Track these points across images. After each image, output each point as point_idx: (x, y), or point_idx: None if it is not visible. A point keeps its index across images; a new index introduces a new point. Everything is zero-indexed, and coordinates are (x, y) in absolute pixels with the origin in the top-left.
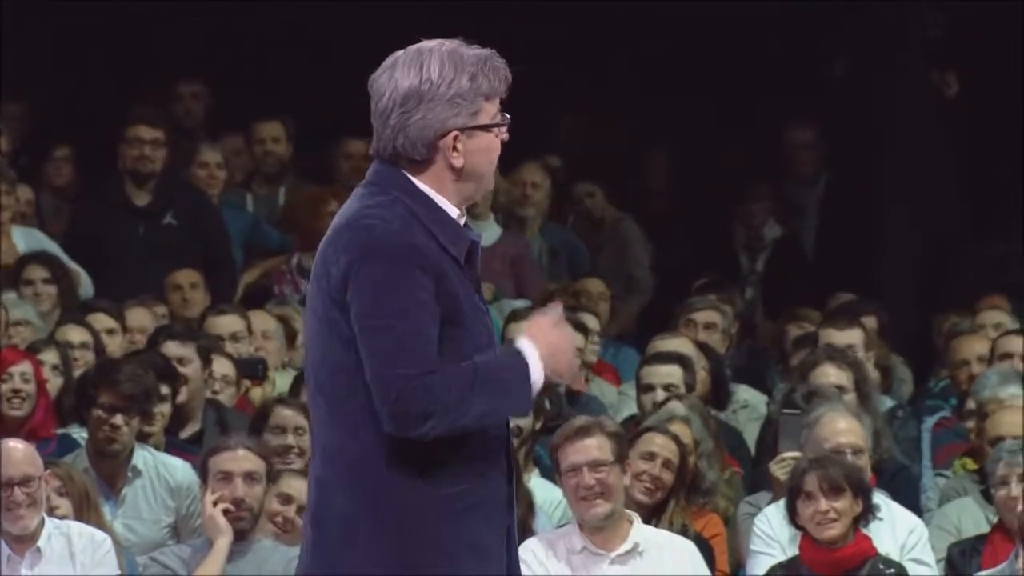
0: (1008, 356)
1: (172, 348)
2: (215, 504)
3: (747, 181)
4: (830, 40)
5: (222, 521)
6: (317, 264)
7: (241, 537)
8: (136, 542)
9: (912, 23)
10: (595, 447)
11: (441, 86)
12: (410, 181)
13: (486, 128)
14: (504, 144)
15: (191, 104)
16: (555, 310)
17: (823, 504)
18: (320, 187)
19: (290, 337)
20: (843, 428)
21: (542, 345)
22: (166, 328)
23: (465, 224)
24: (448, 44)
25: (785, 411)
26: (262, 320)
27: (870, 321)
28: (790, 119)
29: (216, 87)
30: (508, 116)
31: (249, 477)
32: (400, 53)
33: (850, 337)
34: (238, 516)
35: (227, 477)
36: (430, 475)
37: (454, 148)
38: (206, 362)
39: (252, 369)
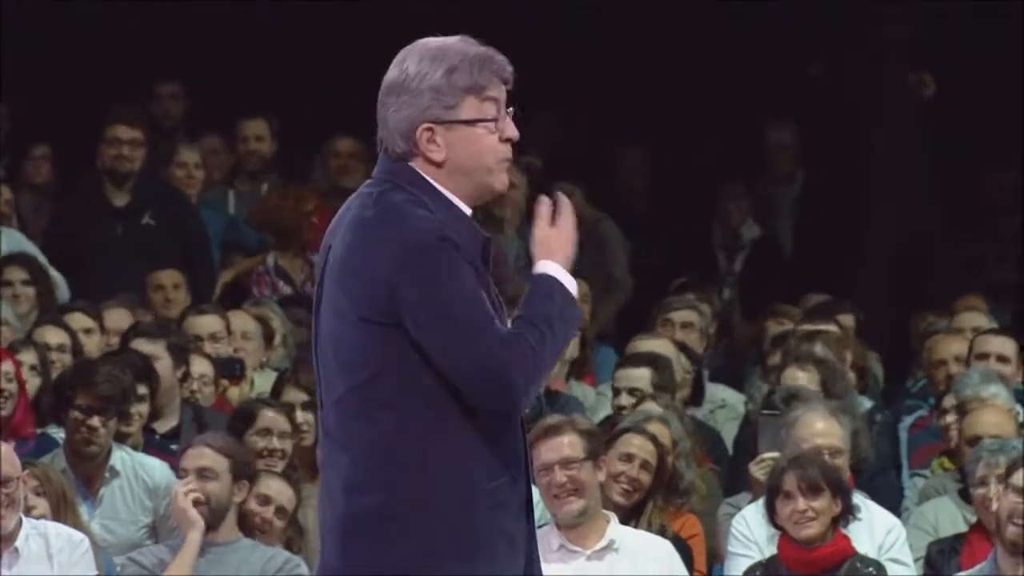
0: (984, 356)
1: (142, 345)
2: (186, 495)
3: (725, 181)
4: (808, 40)
5: (192, 513)
6: (339, 263)
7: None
8: (114, 542)
9: (888, 23)
10: (566, 445)
11: (415, 79)
12: (417, 173)
13: (469, 123)
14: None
15: (170, 104)
16: (544, 207)
17: (801, 503)
18: (297, 186)
19: (268, 337)
20: (821, 429)
21: (557, 254)
22: (135, 326)
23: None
24: (441, 40)
25: (764, 412)
26: (241, 320)
27: (847, 319)
28: (768, 119)
29: (194, 87)
30: (512, 111)
31: (202, 473)
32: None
33: (829, 332)
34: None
35: (184, 474)
36: (471, 470)
37: (431, 141)
38: (178, 359)
39: (230, 369)
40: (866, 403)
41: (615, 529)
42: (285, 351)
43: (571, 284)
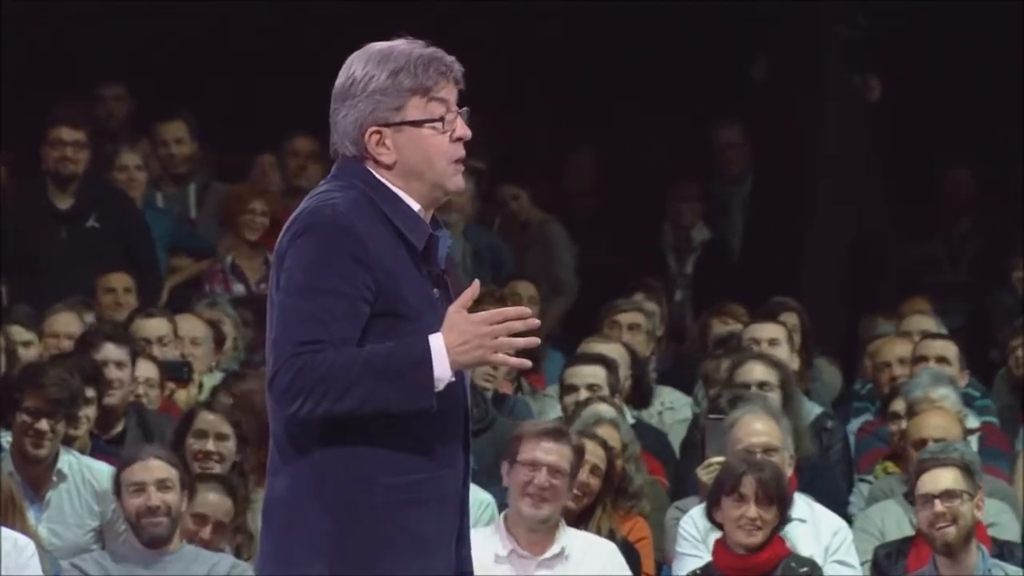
0: (923, 359)
1: (110, 351)
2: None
3: (675, 181)
4: (750, 41)
5: None
6: (275, 253)
7: (162, 543)
8: (60, 546)
9: (832, 24)
10: (562, 454)
11: (361, 83)
12: (370, 172)
13: (416, 123)
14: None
15: (113, 106)
16: (468, 293)
17: (754, 510)
18: (241, 185)
19: (218, 341)
20: (758, 429)
21: (450, 335)
22: (101, 330)
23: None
24: (388, 43)
25: (711, 416)
26: (190, 324)
27: (791, 318)
28: (714, 119)
29: (137, 89)
30: (461, 111)
31: (162, 485)
32: None
33: (773, 331)
34: (154, 523)
35: (140, 487)
36: (373, 462)
37: (380, 144)
38: (135, 365)
39: (177, 371)
40: (815, 408)
41: (565, 534)
42: (235, 354)
43: (443, 370)
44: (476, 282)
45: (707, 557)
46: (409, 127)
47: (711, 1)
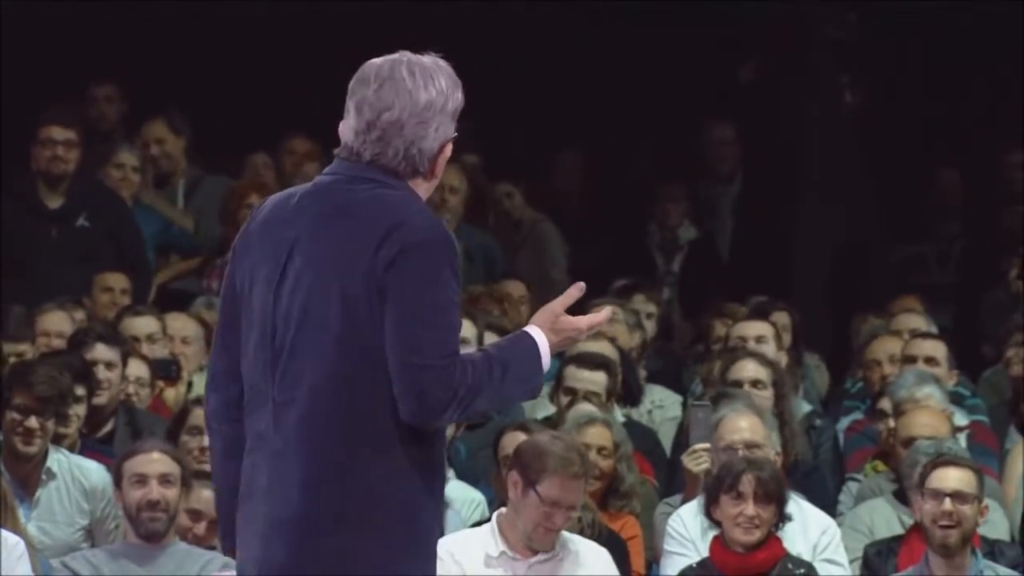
0: (912, 359)
1: (101, 351)
2: None
3: (662, 182)
4: (739, 42)
5: None
6: (351, 244)
7: (158, 539)
8: (50, 544)
9: (821, 25)
10: (580, 491)
11: (447, 100)
12: (410, 185)
13: (449, 141)
14: None
15: (105, 106)
16: (569, 295)
17: (752, 508)
18: (239, 181)
19: (209, 340)
20: (741, 426)
21: (551, 335)
22: (93, 330)
23: None
24: (434, 57)
25: (695, 403)
26: (180, 323)
27: (782, 317)
28: (705, 118)
29: (130, 89)
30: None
31: (164, 479)
32: (385, 65)
33: (760, 329)
34: (153, 517)
35: (143, 480)
36: (413, 475)
37: (444, 158)
38: (126, 365)
39: (165, 370)
40: (805, 406)
41: (558, 537)
42: None
43: (547, 361)
44: (580, 284)
45: (695, 556)
46: (447, 145)
47: (700, 1)
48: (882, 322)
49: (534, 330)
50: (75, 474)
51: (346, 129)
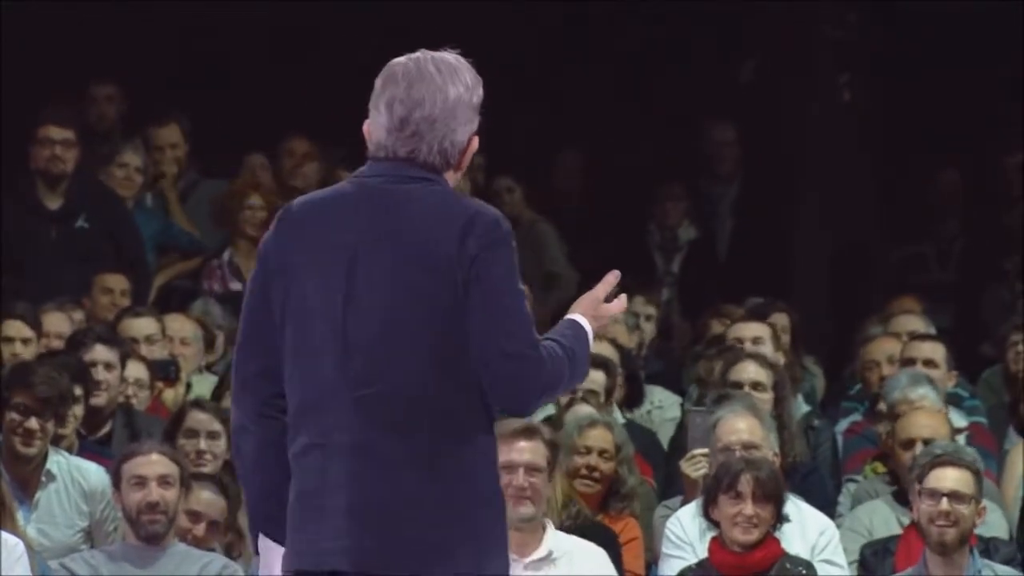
0: (911, 361)
1: (100, 352)
2: None
3: (662, 181)
4: (738, 42)
5: None
6: (425, 241)
7: (157, 540)
8: (50, 547)
9: (821, 25)
10: (536, 451)
11: (472, 94)
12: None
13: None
14: None
15: (104, 106)
16: (606, 282)
17: (751, 508)
18: (236, 181)
19: (209, 341)
20: (739, 427)
21: (592, 323)
22: (93, 331)
23: None
24: (455, 54)
25: (693, 408)
26: (179, 324)
27: (781, 318)
28: (705, 119)
29: (130, 89)
30: None
31: (163, 481)
32: (412, 64)
33: (757, 330)
34: (153, 519)
35: (142, 481)
36: (489, 464)
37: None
38: (125, 366)
39: (164, 371)
40: (803, 407)
41: (553, 537)
42: (226, 356)
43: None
44: (616, 272)
45: (692, 559)
46: (474, 138)
47: (700, 2)
48: (880, 324)
49: (580, 317)
50: (74, 476)
51: (377, 128)
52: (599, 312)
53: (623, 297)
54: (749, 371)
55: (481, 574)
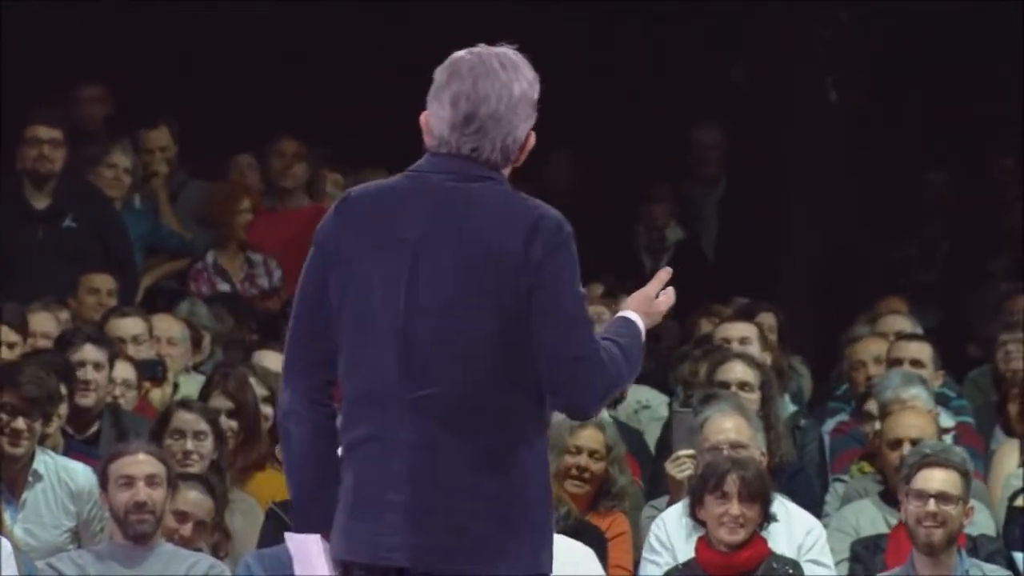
0: (899, 362)
1: (90, 352)
2: None
3: (649, 182)
4: (730, 43)
5: None
6: (490, 242)
7: (145, 540)
8: (37, 547)
9: (811, 26)
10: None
11: (533, 90)
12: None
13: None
14: (398, 148)
15: (91, 107)
16: (659, 279)
17: (737, 508)
18: (237, 185)
19: (196, 341)
20: (726, 427)
21: (646, 320)
22: (82, 331)
23: None
24: (513, 49)
25: (678, 409)
26: (166, 324)
27: (768, 319)
28: (692, 120)
29: (117, 90)
30: None
31: (151, 480)
32: (475, 59)
33: (744, 330)
34: (141, 519)
35: (129, 481)
36: (544, 465)
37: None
38: (113, 367)
39: (151, 370)
40: (789, 407)
41: None
42: (212, 356)
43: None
44: (668, 268)
45: (671, 563)
46: (531, 134)
47: (691, 2)
48: (866, 324)
49: (632, 315)
50: (61, 476)
51: (439, 122)
52: (652, 309)
53: (671, 291)
54: (736, 371)
55: (537, 571)
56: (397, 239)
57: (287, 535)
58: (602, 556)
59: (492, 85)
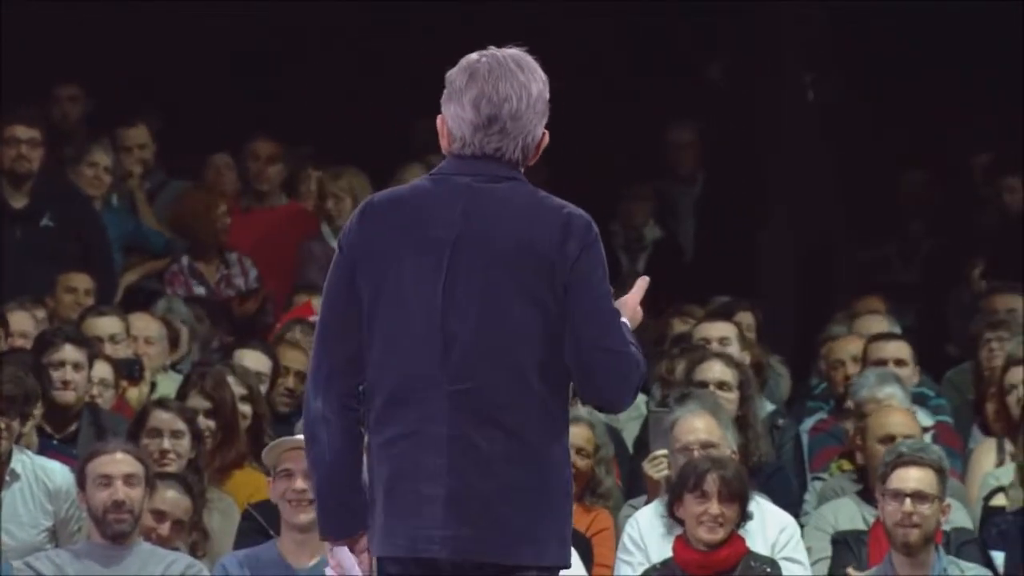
0: (880, 362)
1: (69, 352)
2: None
3: (627, 181)
4: (707, 42)
5: None
6: (524, 241)
7: (123, 539)
8: (14, 546)
9: (790, 25)
10: None
11: (547, 90)
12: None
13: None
14: (377, 147)
15: (68, 106)
16: (640, 288)
17: (716, 507)
18: (210, 188)
19: (173, 340)
20: (697, 426)
21: (630, 320)
22: (62, 331)
23: None
24: (522, 51)
25: (655, 409)
26: (144, 323)
27: (746, 317)
28: (669, 120)
29: (94, 90)
30: None
31: (129, 480)
32: (492, 60)
33: (724, 330)
34: (119, 519)
35: (107, 481)
36: (569, 459)
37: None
38: (92, 366)
39: (128, 369)
40: (768, 406)
41: None
42: (189, 354)
43: None
44: (646, 278)
45: (645, 564)
46: (545, 133)
47: (669, 1)
48: (844, 323)
49: (625, 320)
50: (39, 475)
51: (460, 124)
52: (636, 316)
53: (644, 279)
54: (715, 370)
55: (561, 562)
56: (429, 239)
57: (330, 552)
58: (586, 558)
59: (512, 86)
